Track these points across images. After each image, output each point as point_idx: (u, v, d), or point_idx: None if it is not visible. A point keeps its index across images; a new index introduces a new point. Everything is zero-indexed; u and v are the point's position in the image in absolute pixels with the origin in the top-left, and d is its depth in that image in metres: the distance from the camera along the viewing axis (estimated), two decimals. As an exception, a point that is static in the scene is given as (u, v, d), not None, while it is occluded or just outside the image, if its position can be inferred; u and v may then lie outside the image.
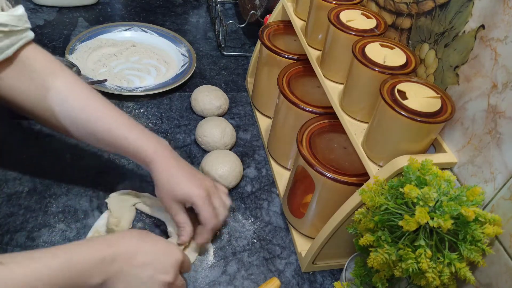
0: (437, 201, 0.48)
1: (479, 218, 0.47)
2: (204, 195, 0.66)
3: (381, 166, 0.58)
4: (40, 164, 0.79)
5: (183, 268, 0.60)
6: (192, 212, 0.68)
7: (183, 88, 1.03)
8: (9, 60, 0.62)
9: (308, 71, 0.83)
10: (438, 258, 0.48)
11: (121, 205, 0.73)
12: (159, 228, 0.74)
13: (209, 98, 0.95)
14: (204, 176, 0.71)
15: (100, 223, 0.72)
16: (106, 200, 0.74)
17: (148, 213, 0.74)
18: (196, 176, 0.68)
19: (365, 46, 0.63)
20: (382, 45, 0.64)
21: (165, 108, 0.97)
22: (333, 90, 0.70)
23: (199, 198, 0.65)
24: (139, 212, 0.75)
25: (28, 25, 0.64)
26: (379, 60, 0.61)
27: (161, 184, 0.66)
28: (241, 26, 1.20)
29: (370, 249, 0.52)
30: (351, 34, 0.67)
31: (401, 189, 0.50)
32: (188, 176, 0.67)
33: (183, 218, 0.67)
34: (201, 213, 0.66)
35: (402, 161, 0.53)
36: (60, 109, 0.64)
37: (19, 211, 0.71)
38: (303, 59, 0.86)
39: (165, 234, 0.73)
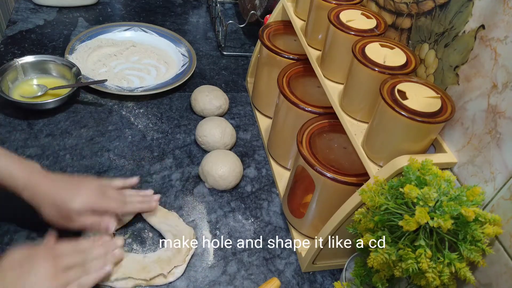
0: (437, 201, 0.48)
1: (479, 218, 0.47)
2: (96, 195, 0.66)
3: (381, 166, 0.58)
4: (40, 164, 0.79)
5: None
6: None
7: (183, 88, 1.03)
8: None
9: (308, 71, 0.83)
10: (438, 258, 0.48)
11: None
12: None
13: (209, 98, 0.95)
14: (84, 179, 0.70)
15: None
16: None
17: (146, 219, 0.74)
18: (81, 183, 0.67)
19: (365, 46, 0.63)
20: (382, 45, 0.64)
21: (165, 108, 0.97)
22: (333, 90, 0.70)
23: (95, 203, 0.65)
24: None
25: None
26: (379, 60, 0.61)
27: (51, 206, 0.63)
28: (241, 26, 1.20)
29: (370, 249, 0.52)
30: (351, 34, 0.67)
31: (401, 189, 0.50)
32: (73, 188, 0.66)
33: (94, 219, 0.66)
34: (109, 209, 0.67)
35: (402, 161, 0.53)
36: None
37: (19, 211, 0.71)
38: (303, 59, 0.86)
39: (162, 237, 0.73)
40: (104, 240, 0.66)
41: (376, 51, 0.63)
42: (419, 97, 0.56)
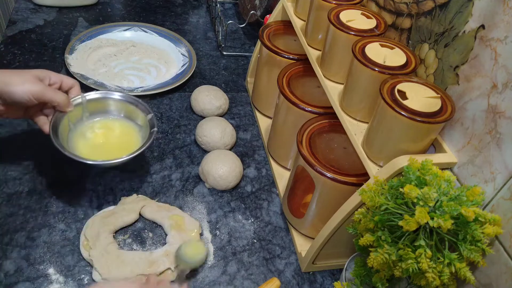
0: (437, 201, 0.48)
1: (479, 218, 0.47)
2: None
3: (381, 166, 0.58)
4: (40, 164, 0.79)
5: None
6: None
7: (183, 88, 1.03)
8: None
9: (308, 71, 0.83)
10: (438, 258, 0.48)
11: (129, 207, 0.74)
12: (159, 228, 0.74)
13: (209, 98, 0.95)
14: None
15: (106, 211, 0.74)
16: (122, 198, 0.76)
17: (148, 218, 0.74)
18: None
19: (365, 46, 0.63)
20: (382, 45, 0.64)
21: (165, 108, 0.97)
22: (333, 90, 0.70)
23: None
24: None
25: None
26: (379, 60, 0.61)
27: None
28: (241, 26, 1.20)
29: (370, 249, 0.52)
30: (351, 34, 0.67)
31: (401, 189, 0.50)
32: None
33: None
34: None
35: (402, 161, 0.53)
36: None
37: (19, 211, 0.71)
38: (303, 59, 0.86)
39: (163, 237, 0.73)
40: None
41: (376, 51, 0.63)
42: (419, 97, 0.56)
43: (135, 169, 0.82)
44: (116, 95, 0.80)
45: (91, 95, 0.77)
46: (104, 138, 0.79)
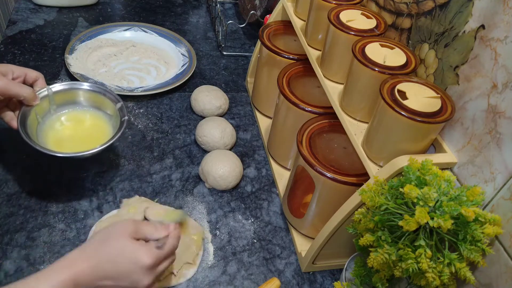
0: (437, 201, 0.48)
1: (479, 218, 0.47)
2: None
3: (381, 166, 0.59)
4: (40, 164, 0.79)
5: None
6: None
7: (183, 88, 1.03)
8: None
9: (308, 71, 0.83)
10: (438, 258, 0.48)
11: (133, 209, 0.74)
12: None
13: (209, 98, 0.95)
14: None
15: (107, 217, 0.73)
16: (124, 200, 0.76)
17: (152, 220, 0.74)
18: None
19: (365, 46, 0.63)
20: (382, 45, 0.64)
21: (165, 108, 0.97)
22: (333, 90, 0.70)
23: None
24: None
25: None
26: (379, 60, 0.61)
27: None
28: (241, 26, 1.20)
29: (370, 249, 0.52)
30: (351, 34, 0.67)
31: (401, 189, 0.50)
32: None
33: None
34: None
35: (402, 161, 0.53)
36: None
37: (19, 211, 0.71)
38: (303, 59, 0.86)
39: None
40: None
41: (376, 51, 0.63)
42: (419, 97, 0.56)
43: (135, 169, 0.82)
44: (83, 85, 0.78)
45: (57, 87, 0.75)
46: (73, 130, 0.77)
